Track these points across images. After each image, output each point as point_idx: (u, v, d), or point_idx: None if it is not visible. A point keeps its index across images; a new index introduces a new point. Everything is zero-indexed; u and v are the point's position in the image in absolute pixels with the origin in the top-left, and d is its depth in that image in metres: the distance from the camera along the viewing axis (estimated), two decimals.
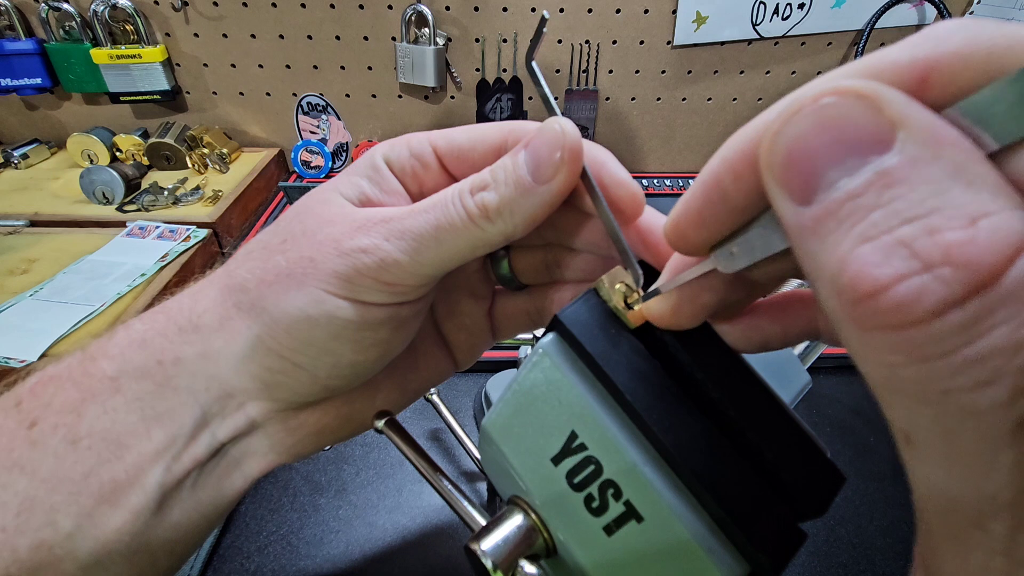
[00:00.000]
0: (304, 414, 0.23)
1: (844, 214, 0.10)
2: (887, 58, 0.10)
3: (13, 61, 0.73)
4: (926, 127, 0.09)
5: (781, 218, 0.11)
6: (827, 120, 0.10)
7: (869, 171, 0.09)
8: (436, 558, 0.40)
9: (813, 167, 0.10)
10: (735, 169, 0.12)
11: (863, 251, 0.09)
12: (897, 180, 0.09)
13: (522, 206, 0.18)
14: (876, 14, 0.74)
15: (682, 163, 0.88)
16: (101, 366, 0.20)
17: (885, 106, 0.10)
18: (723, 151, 0.12)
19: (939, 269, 0.09)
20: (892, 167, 0.09)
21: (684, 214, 0.14)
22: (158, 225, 0.64)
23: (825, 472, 0.15)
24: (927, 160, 0.09)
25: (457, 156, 0.21)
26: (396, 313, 0.21)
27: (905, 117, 0.09)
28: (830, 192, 0.10)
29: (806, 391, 0.34)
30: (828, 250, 0.10)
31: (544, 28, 0.18)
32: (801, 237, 0.10)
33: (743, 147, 0.12)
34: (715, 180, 0.13)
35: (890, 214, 0.09)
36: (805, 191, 0.10)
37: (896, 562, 0.40)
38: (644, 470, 0.15)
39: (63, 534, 0.18)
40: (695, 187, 0.13)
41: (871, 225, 0.09)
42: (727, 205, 0.13)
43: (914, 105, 0.10)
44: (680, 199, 0.14)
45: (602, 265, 0.22)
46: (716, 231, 0.13)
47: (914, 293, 0.09)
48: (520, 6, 0.73)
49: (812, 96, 0.10)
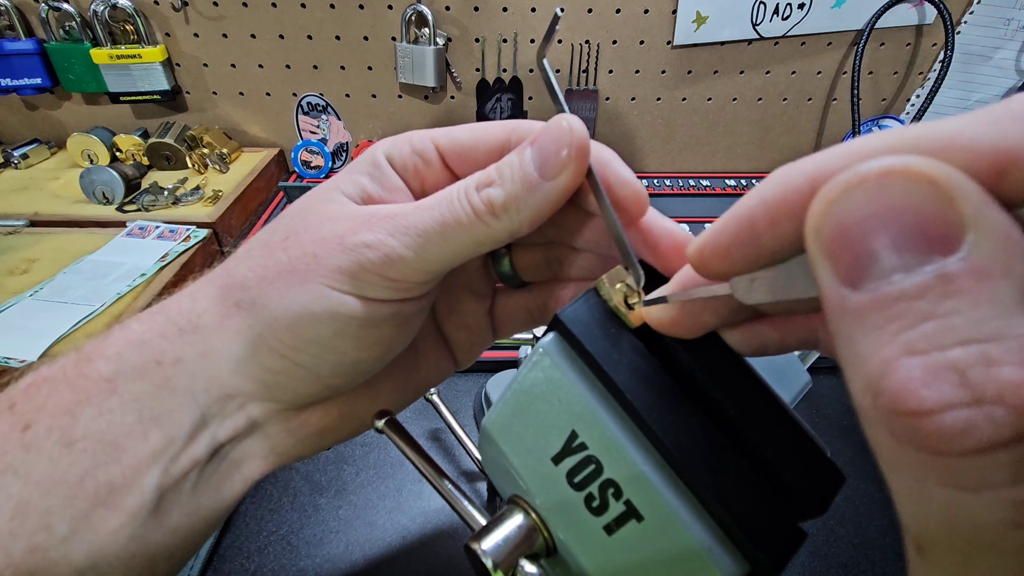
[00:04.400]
0: (305, 414, 0.23)
1: (893, 314, 0.09)
2: (964, 136, 0.09)
3: (13, 61, 0.73)
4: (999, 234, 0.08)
5: (821, 291, 0.10)
6: (890, 202, 0.09)
7: (929, 272, 0.09)
8: (436, 558, 0.40)
9: (867, 250, 0.09)
10: (773, 214, 0.12)
11: (910, 364, 0.09)
12: (958, 290, 0.08)
13: (528, 203, 0.18)
14: (876, 14, 0.74)
15: (682, 163, 0.88)
16: (97, 367, 0.20)
17: (958, 199, 0.09)
18: (763, 191, 0.12)
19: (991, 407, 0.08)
20: (955, 274, 0.08)
21: (712, 244, 0.13)
22: (158, 225, 0.64)
23: (825, 472, 0.15)
24: (996, 274, 0.08)
25: (460, 154, 0.21)
26: (400, 310, 0.21)
27: (978, 217, 0.09)
28: (881, 284, 0.09)
29: (806, 391, 0.34)
30: (870, 346, 0.09)
31: (556, 26, 0.18)
32: (841, 319, 0.10)
33: (785, 193, 0.11)
34: (749, 219, 0.12)
35: (945, 329, 0.08)
36: (854, 273, 0.09)
37: (896, 562, 0.40)
38: (644, 469, 0.15)
39: (58, 537, 0.18)
40: (728, 220, 0.13)
41: (922, 336, 0.09)
42: (757, 245, 0.12)
43: (990, 204, 0.09)
44: (711, 227, 0.13)
45: (603, 264, 0.22)
46: (741, 266, 0.13)
47: (960, 426, 0.08)
48: (520, 6, 0.73)
49: (877, 171, 0.09)
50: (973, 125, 0.09)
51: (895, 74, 0.81)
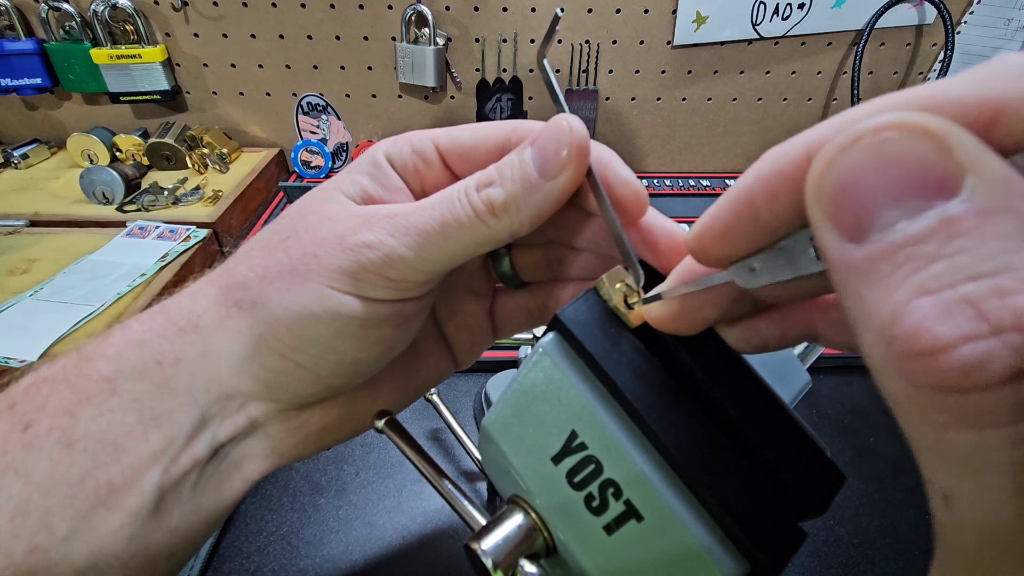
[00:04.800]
0: (305, 414, 0.23)
1: (901, 259, 0.09)
2: (952, 91, 0.10)
3: (13, 61, 0.73)
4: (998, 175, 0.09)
5: (825, 252, 0.10)
6: (889, 155, 0.09)
7: (933, 217, 0.09)
8: (436, 558, 0.40)
9: (868, 203, 0.09)
10: (770, 189, 0.12)
11: (922, 304, 0.09)
12: (963, 230, 0.08)
13: (528, 202, 0.18)
14: (876, 14, 0.74)
15: (682, 163, 0.88)
16: (97, 367, 0.20)
17: (954, 147, 0.09)
18: (759, 168, 0.12)
19: (1008, 335, 0.08)
20: (959, 215, 0.09)
21: (710, 228, 0.13)
22: (158, 225, 0.64)
23: (825, 472, 0.15)
24: (998, 212, 0.08)
25: (460, 154, 0.21)
26: (400, 310, 0.21)
27: (976, 162, 0.09)
28: (886, 233, 0.09)
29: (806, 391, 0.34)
30: (880, 295, 0.09)
31: (557, 26, 0.18)
32: (848, 276, 0.10)
33: (781, 167, 0.11)
34: (747, 198, 0.12)
35: (954, 267, 0.08)
36: (857, 228, 0.10)
37: (896, 562, 0.40)
38: (644, 469, 0.15)
39: (59, 538, 0.18)
40: (725, 201, 0.13)
41: (932, 276, 0.09)
42: (757, 224, 0.12)
43: (986, 150, 0.09)
44: (707, 211, 0.13)
45: (603, 264, 0.22)
46: (741, 248, 0.13)
47: (979, 357, 0.08)
48: (520, 6, 0.73)
49: (873, 127, 0.09)
50: (960, 82, 0.10)
51: (895, 74, 0.81)
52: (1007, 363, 0.08)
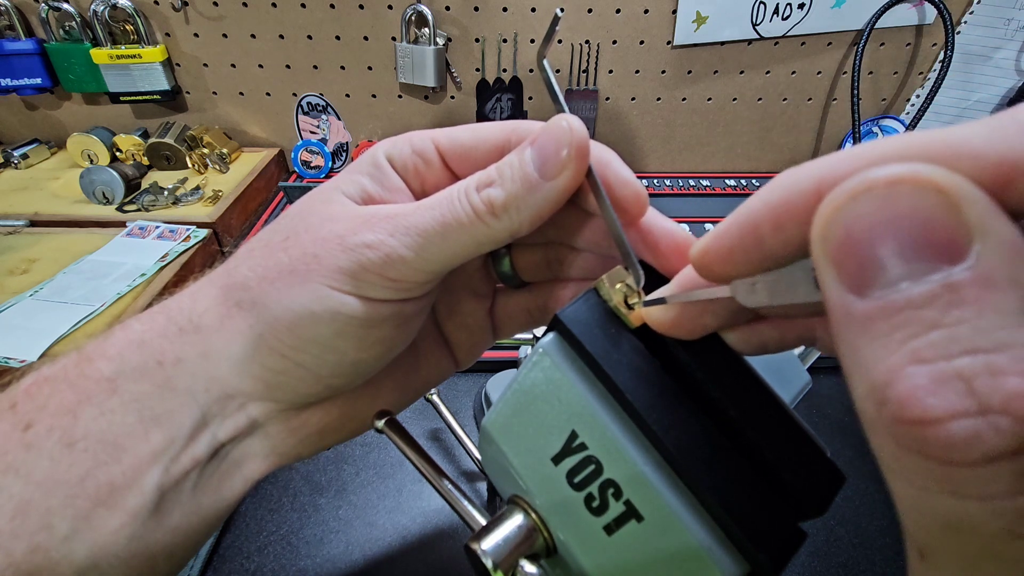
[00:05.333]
0: (305, 414, 0.23)
1: (900, 322, 0.09)
2: (970, 144, 0.09)
3: (13, 61, 0.73)
4: (1006, 243, 0.08)
5: (825, 295, 0.10)
6: (898, 209, 0.09)
7: (936, 281, 0.09)
8: (436, 558, 0.40)
9: (874, 257, 0.09)
10: (777, 218, 0.12)
11: (916, 373, 0.09)
12: (965, 299, 0.08)
13: (528, 203, 0.18)
14: (876, 14, 0.74)
15: (682, 163, 0.88)
16: (98, 367, 0.20)
17: (965, 208, 0.09)
18: (767, 195, 0.12)
19: (995, 416, 0.08)
20: (961, 283, 0.08)
21: (714, 248, 0.13)
22: (158, 225, 0.64)
23: (825, 472, 0.15)
24: (1002, 283, 0.08)
25: (460, 154, 0.21)
26: (400, 310, 0.21)
27: (986, 226, 0.09)
28: (888, 292, 0.09)
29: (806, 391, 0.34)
30: (875, 354, 0.09)
31: (556, 27, 0.18)
32: (846, 326, 0.10)
33: (790, 197, 0.11)
34: (753, 223, 0.12)
35: (951, 339, 0.08)
36: (860, 281, 0.09)
37: (896, 562, 0.40)
38: (644, 470, 0.15)
39: (59, 537, 0.18)
40: (732, 224, 0.13)
41: (929, 345, 0.09)
42: (761, 250, 0.12)
43: (997, 214, 0.09)
44: (713, 229, 0.13)
45: (603, 264, 0.22)
46: (744, 270, 0.13)
47: (967, 435, 0.08)
48: (520, 6, 0.73)
49: (885, 179, 0.09)
50: (979, 134, 0.09)
51: (895, 74, 0.81)
52: (992, 443, 0.08)
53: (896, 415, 0.09)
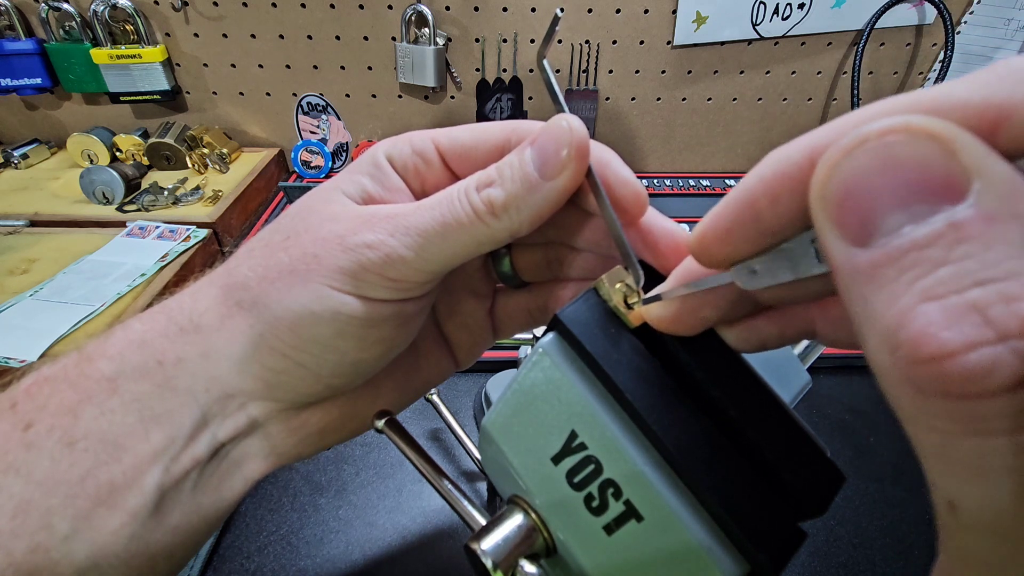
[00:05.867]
0: (306, 414, 0.23)
1: (907, 264, 0.09)
2: (955, 95, 0.10)
3: (13, 61, 0.73)
4: (1004, 180, 0.09)
5: (829, 256, 0.10)
6: (894, 159, 0.09)
7: (939, 221, 0.09)
8: (436, 558, 0.40)
9: (874, 207, 0.09)
10: (772, 191, 0.12)
11: (928, 309, 0.09)
12: (970, 235, 0.08)
13: (528, 203, 0.18)
14: (876, 14, 0.74)
15: (682, 163, 0.88)
16: (98, 367, 0.20)
17: (960, 151, 0.09)
18: (761, 170, 0.12)
19: (1014, 341, 0.08)
20: (965, 220, 0.09)
21: (712, 229, 0.13)
22: (158, 225, 0.64)
23: (825, 472, 0.15)
24: (1005, 217, 0.08)
25: (460, 154, 0.21)
26: (400, 310, 0.21)
27: (982, 166, 0.09)
28: (892, 238, 0.09)
29: (806, 391, 0.34)
30: (885, 300, 0.09)
31: (557, 27, 0.18)
32: (852, 280, 0.10)
33: (784, 169, 0.11)
34: (749, 199, 0.12)
35: (961, 273, 0.08)
36: (862, 232, 0.10)
37: (896, 562, 0.40)
38: (644, 469, 0.15)
39: (59, 537, 0.18)
40: (727, 203, 0.13)
41: (938, 282, 0.09)
42: (759, 226, 0.12)
43: (992, 154, 0.09)
44: (710, 212, 0.13)
45: (603, 264, 0.22)
46: (743, 249, 0.13)
47: (986, 364, 0.08)
48: (520, 6, 0.73)
49: (878, 130, 0.09)
50: (962, 85, 0.10)
51: (895, 74, 0.81)
52: (1013, 370, 0.08)
53: (912, 355, 0.09)
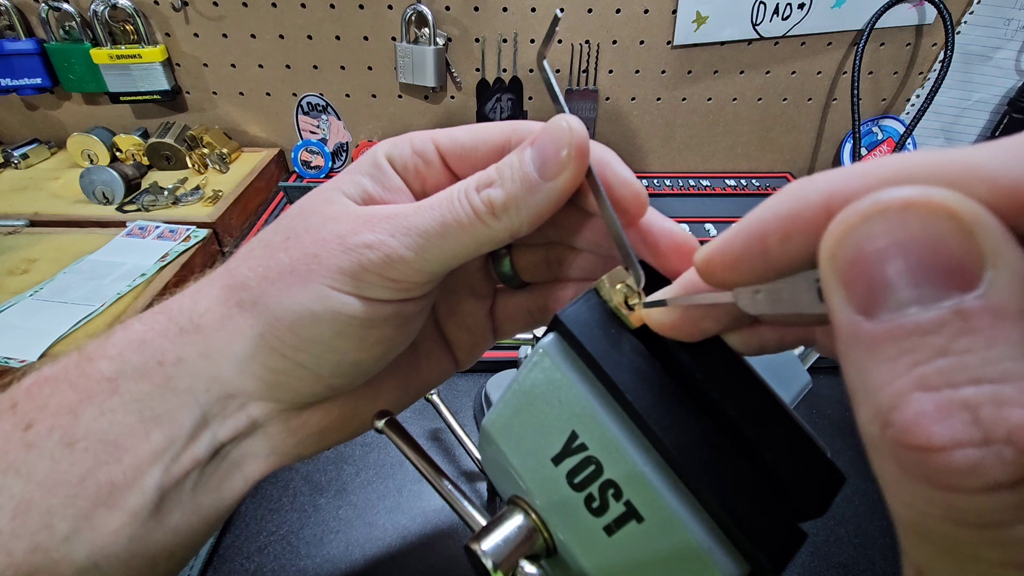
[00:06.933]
0: (306, 414, 0.23)
1: (908, 346, 0.09)
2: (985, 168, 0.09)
3: (13, 61, 0.73)
4: (1018, 272, 0.08)
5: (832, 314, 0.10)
6: (911, 234, 0.09)
7: (946, 308, 0.09)
8: (436, 558, 0.40)
9: (883, 280, 0.09)
10: (785, 229, 0.11)
11: (922, 399, 0.09)
12: (974, 328, 0.08)
13: (528, 203, 0.18)
14: (876, 14, 0.74)
15: (682, 163, 0.88)
16: (99, 367, 0.20)
17: (978, 235, 0.09)
18: (775, 206, 0.12)
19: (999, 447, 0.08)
20: (972, 311, 0.08)
21: (719, 255, 0.13)
22: (158, 225, 0.64)
23: (825, 472, 0.15)
24: (1012, 314, 0.08)
25: (460, 154, 0.21)
26: (400, 310, 0.21)
27: (998, 254, 0.08)
28: (896, 315, 0.09)
29: (806, 391, 0.34)
30: (882, 376, 0.09)
31: (556, 27, 0.18)
32: (852, 347, 0.10)
33: (799, 209, 0.11)
34: (760, 234, 0.12)
35: (958, 367, 0.08)
36: (869, 302, 0.09)
37: (896, 562, 0.40)
38: (644, 470, 0.15)
39: (60, 537, 0.18)
40: (738, 232, 0.13)
41: (936, 372, 0.09)
42: (766, 260, 0.12)
43: (1010, 241, 0.09)
44: (720, 236, 0.13)
45: (603, 264, 0.22)
46: (748, 278, 0.13)
47: (970, 464, 0.08)
48: (520, 6, 0.73)
49: (899, 202, 0.09)
50: (994, 156, 0.09)
51: (895, 74, 0.81)
52: (995, 473, 0.08)
53: (900, 439, 0.09)
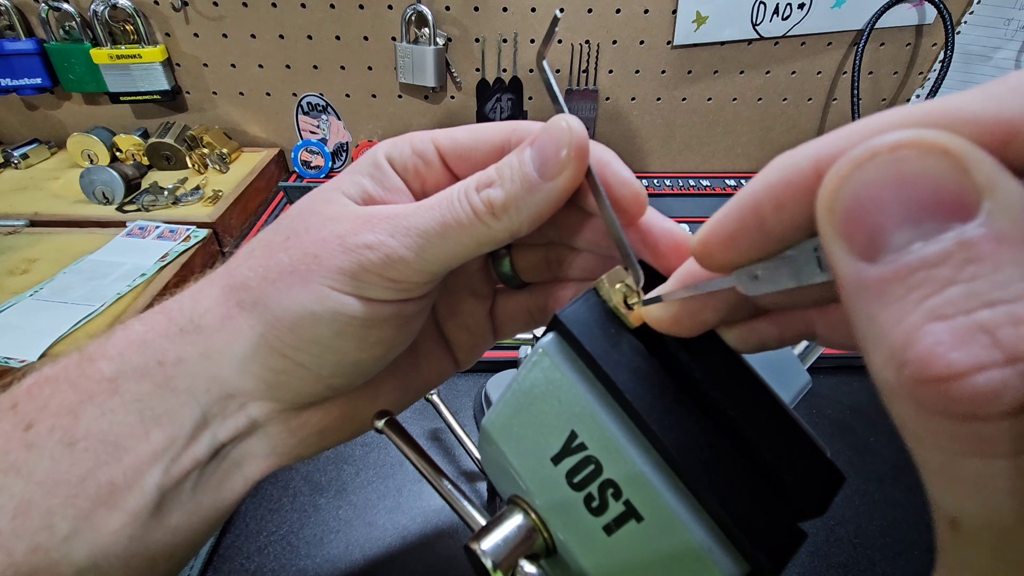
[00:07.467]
0: (306, 414, 0.23)
1: (915, 282, 0.09)
2: (966, 108, 0.09)
3: (13, 61, 0.73)
4: (1016, 199, 0.09)
5: (835, 268, 0.10)
6: (905, 174, 0.09)
7: (949, 239, 0.09)
8: (436, 558, 0.40)
9: (883, 222, 0.09)
10: (778, 198, 0.11)
11: (936, 329, 0.08)
12: (980, 255, 0.08)
13: (528, 203, 0.18)
14: (876, 14, 0.74)
15: (682, 163, 0.88)
16: (99, 367, 0.20)
17: (972, 168, 0.09)
18: (767, 176, 0.12)
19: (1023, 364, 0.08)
20: (975, 239, 0.08)
21: (715, 233, 0.13)
22: (158, 225, 0.64)
23: (825, 472, 0.15)
24: (1015, 237, 0.08)
25: (460, 155, 0.21)
26: (400, 310, 0.21)
27: (994, 184, 0.09)
28: (901, 254, 0.09)
29: (806, 391, 0.34)
30: (892, 317, 0.09)
31: (556, 27, 0.18)
32: (859, 295, 0.10)
33: (790, 176, 0.11)
34: (754, 205, 0.12)
35: (970, 293, 0.08)
36: (870, 247, 0.09)
37: (896, 562, 0.40)
38: (644, 470, 0.15)
39: (60, 537, 0.18)
40: (731, 207, 0.13)
41: (947, 301, 0.08)
42: (763, 232, 0.12)
43: (1003, 172, 0.09)
44: (714, 215, 0.13)
45: (603, 264, 0.22)
46: (746, 255, 0.13)
47: (994, 386, 0.08)
48: (520, 6, 0.73)
49: (889, 144, 0.09)
50: (974, 99, 0.10)
51: (895, 74, 0.81)
52: (1020, 393, 0.08)
53: (918, 375, 0.09)
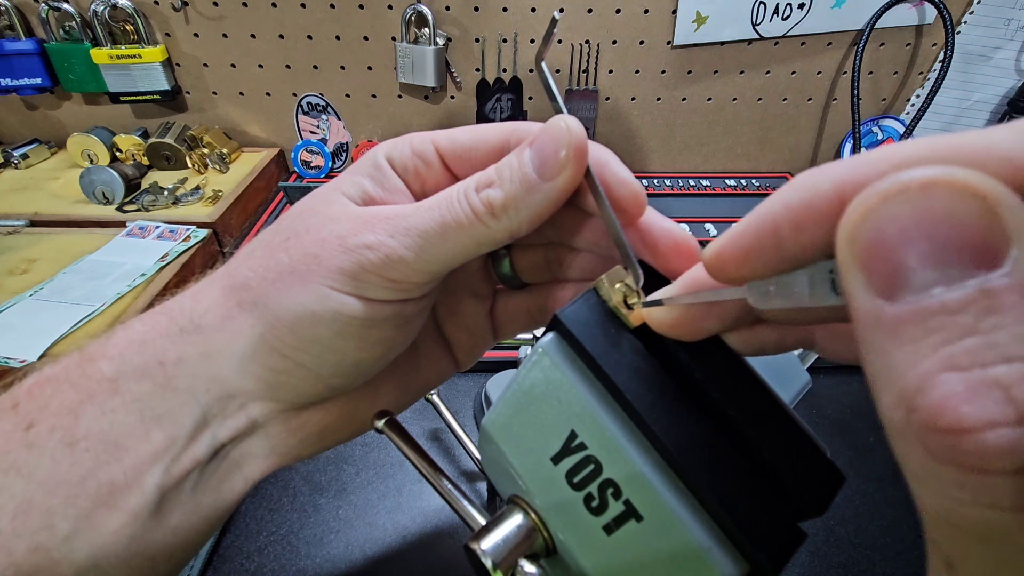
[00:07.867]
0: (306, 414, 0.23)
1: (933, 327, 0.09)
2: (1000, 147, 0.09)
3: (13, 61, 0.73)
4: None
5: (851, 300, 0.10)
6: (934, 213, 0.09)
7: (972, 287, 0.08)
8: (436, 558, 0.40)
9: (906, 261, 0.09)
10: (798, 219, 0.11)
11: (951, 379, 0.08)
12: (1002, 306, 0.08)
13: (527, 203, 0.18)
14: (876, 14, 0.74)
15: (682, 163, 0.88)
16: (100, 367, 0.20)
17: (1003, 214, 0.08)
18: (787, 196, 0.12)
19: None
20: (999, 288, 0.08)
21: (730, 249, 0.13)
22: (158, 225, 0.64)
23: (825, 472, 0.15)
24: None
25: (459, 155, 0.21)
26: (400, 310, 0.21)
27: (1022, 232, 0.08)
28: (921, 296, 0.09)
29: (806, 391, 0.34)
30: (906, 359, 0.09)
31: (555, 29, 0.18)
32: (874, 330, 0.09)
33: (811, 198, 0.11)
34: (773, 224, 0.12)
35: (988, 345, 0.08)
36: (890, 284, 0.09)
37: (896, 562, 0.40)
38: (644, 469, 0.15)
39: (60, 537, 0.18)
40: (748, 225, 0.12)
41: (964, 351, 0.08)
42: (779, 252, 0.12)
43: None
44: (729, 230, 0.13)
45: (603, 264, 0.22)
46: (760, 272, 0.13)
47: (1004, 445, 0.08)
48: (520, 6, 0.73)
49: (920, 181, 0.09)
50: (1007, 137, 0.09)
51: (895, 74, 0.81)
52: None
53: (928, 423, 0.09)
